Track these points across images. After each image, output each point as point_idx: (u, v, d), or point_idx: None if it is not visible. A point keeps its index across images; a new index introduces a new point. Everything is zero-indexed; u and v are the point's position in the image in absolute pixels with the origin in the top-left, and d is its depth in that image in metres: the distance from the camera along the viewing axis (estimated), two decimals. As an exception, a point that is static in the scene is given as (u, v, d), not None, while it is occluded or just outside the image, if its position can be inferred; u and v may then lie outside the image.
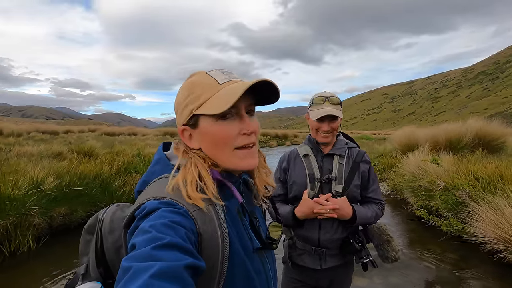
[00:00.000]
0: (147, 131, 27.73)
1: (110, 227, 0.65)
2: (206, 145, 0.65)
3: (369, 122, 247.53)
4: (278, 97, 0.66)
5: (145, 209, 0.54)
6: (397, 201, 6.16)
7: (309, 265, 1.47)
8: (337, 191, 1.42)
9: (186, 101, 0.64)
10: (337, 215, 1.36)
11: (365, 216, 1.43)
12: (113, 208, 0.69)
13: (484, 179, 4.15)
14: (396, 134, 9.37)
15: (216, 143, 0.63)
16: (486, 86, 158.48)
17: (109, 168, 5.99)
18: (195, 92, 0.63)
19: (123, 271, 0.42)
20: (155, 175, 0.65)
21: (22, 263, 3.38)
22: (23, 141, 10.77)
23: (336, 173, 1.44)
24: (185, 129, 0.66)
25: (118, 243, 0.63)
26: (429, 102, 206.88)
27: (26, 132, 16.79)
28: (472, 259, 3.40)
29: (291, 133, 35.30)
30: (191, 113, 0.63)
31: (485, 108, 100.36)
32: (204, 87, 0.63)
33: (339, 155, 1.48)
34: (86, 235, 0.71)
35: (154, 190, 0.60)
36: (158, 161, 0.68)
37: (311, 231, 1.45)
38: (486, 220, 3.28)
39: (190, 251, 0.47)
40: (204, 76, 0.65)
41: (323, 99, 1.46)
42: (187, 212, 0.55)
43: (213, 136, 0.63)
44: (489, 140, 6.81)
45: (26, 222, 3.62)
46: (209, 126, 0.63)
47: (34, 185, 4.10)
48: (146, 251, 0.43)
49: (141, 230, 0.49)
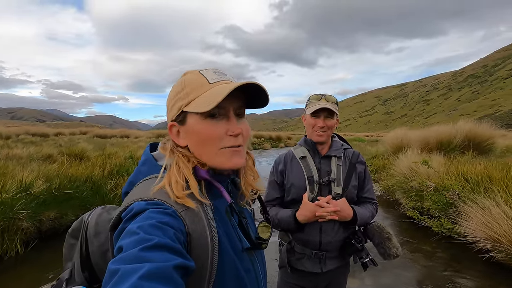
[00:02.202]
0: (140, 133, 27.48)
1: (96, 230, 0.63)
2: (192, 142, 0.65)
3: (362, 124, 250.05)
4: (268, 101, 0.67)
5: (132, 210, 0.53)
6: (389, 202, 6.22)
7: (309, 269, 1.45)
8: (336, 192, 1.42)
9: (176, 98, 0.65)
10: (339, 217, 1.36)
11: (365, 216, 1.45)
12: (99, 211, 0.67)
13: (473, 180, 4.22)
14: (388, 136, 9.49)
15: (202, 141, 0.63)
16: (475, 89, 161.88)
17: (100, 170, 5.90)
18: (185, 90, 0.64)
19: (110, 274, 0.41)
20: (141, 176, 0.64)
21: (9, 268, 3.29)
22: (11, 144, 10.55)
23: (335, 174, 1.44)
24: (173, 125, 0.66)
25: (104, 247, 0.61)
26: (420, 104, 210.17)
27: (15, 134, 16.47)
28: (463, 258, 3.45)
29: (285, 135, 35.39)
30: (179, 110, 0.64)
31: (475, 111, 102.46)
32: (194, 86, 0.64)
33: (337, 156, 1.48)
34: (70, 239, 0.69)
35: (141, 191, 0.59)
36: (144, 161, 0.67)
37: (312, 235, 1.44)
38: (475, 220, 3.33)
39: (179, 251, 0.47)
40: (196, 75, 0.66)
41: (319, 97, 1.48)
42: (175, 212, 0.54)
43: (199, 134, 0.63)
44: (478, 142, 6.95)
45: (14, 226, 3.54)
46: (196, 124, 0.63)
47: (22, 188, 4.01)
48: (134, 252, 0.43)
49: (128, 232, 0.48)
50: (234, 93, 0.61)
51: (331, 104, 1.44)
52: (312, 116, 1.47)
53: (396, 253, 1.41)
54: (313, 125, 1.46)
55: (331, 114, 1.44)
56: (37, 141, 13.47)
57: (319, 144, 1.49)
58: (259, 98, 0.67)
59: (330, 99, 1.46)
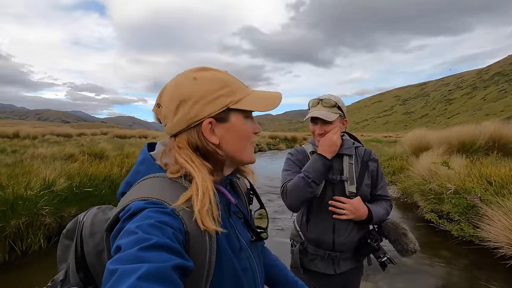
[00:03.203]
0: (158, 134, 28.05)
1: (91, 230, 0.63)
2: (230, 138, 0.66)
3: (380, 125, 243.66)
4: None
5: (130, 210, 0.52)
6: (406, 204, 6.03)
7: (322, 270, 1.44)
8: (351, 191, 1.41)
9: (219, 93, 0.63)
10: (355, 217, 1.36)
11: (379, 213, 1.42)
12: (94, 211, 0.67)
13: (497, 183, 4.02)
14: (407, 137, 9.18)
15: (241, 137, 0.67)
16: (502, 87, 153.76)
17: (118, 169, 6.09)
18: (229, 87, 0.65)
19: (109, 273, 0.40)
20: (139, 176, 0.63)
21: (33, 262, 3.46)
22: (38, 144, 11.09)
23: (347, 173, 1.43)
24: (211, 122, 0.64)
25: (100, 247, 0.61)
26: (442, 104, 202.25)
27: (41, 134, 17.29)
28: (484, 264, 3.29)
29: (300, 136, 35.08)
30: (225, 106, 0.64)
31: (502, 110, 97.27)
32: (238, 85, 0.67)
33: (348, 155, 1.46)
34: (64, 240, 0.68)
35: (139, 191, 0.58)
36: (142, 161, 0.66)
37: (325, 234, 1.42)
38: (499, 225, 3.17)
39: (178, 251, 0.47)
40: (230, 76, 0.68)
41: (317, 102, 1.45)
42: (174, 212, 0.54)
43: (241, 130, 0.67)
44: (504, 143, 6.60)
45: (37, 221, 3.72)
46: (239, 121, 0.66)
47: (45, 185, 4.21)
48: (132, 252, 0.42)
49: (126, 231, 0.47)
50: None
51: (328, 110, 1.41)
52: (311, 123, 1.47)
53: (414, 248, 1.38)
54: (313, 131, 1.47)
55: (327, 121, 1.41)
56: (61, 141, 14.08)
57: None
58: None
59: (328, 102, 1.42)
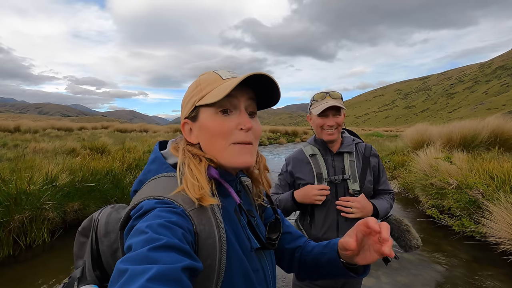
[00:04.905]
0: (158, 127, 28.08)
1: (106, 229, 0.64)
2: (204, 138, 0.65)
3: (381, 119, 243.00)
4: (279, 96, 0.66)
5: (142, 209, 0.53)
6: (408, 199, 6.05)
7: None
8: (354, 189, 1.41)
9: (191, 95, 0.66)
10: (363, 215, 1.36)
11: (384, 207, 1.44)
12: (108, 210, 0.68)
13: (499, 178, 4.02)
14: (408, 131, 9.16)
15: (213, 136, 0.63)
16: (505, 81, 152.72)
17: (120, 164, 6.10)
18: (199, 86, 0.66)
19: (119, 273, 0.41)
20: (151, 174, 0.64)
21: (37, 255, 3.50)
22: (39, 138, 11.10)
23: (349, 171, 1.43)
24: (186, 123, 0.67)
25: (114, 246, 0.62)
26: (444, 98, 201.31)
27: (42, 128, 17.31)
28: (485, 260, 3.31)
29: (301, 130, 35.04)
30: (193, 105, 0.65)
31: (504, 104, 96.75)
32: (208, 82, 0.65)
33: (349, 152, 1.47)
34: (80, 237, 0.70)
35: (150, 190, 0.59)
36: (154, 160, 0.67)
37: (329, 234, 1.43)
38: (500, 221, 3.18)
39: (187, 252, 0.47)
40: (210, 73, 0.67)
41: (323, 95, 1.46)
42: (184, 212, 0.54)
43: (210, 128, 0.63)
44: (506, 138, 6.57)
45: (41, 216, 3.75)
46: (208, 118, 0.64)
47: (48, 180, 4.23)
48: (142, 252, 0.43)
49: (137, 231, 0.48)
50: (245, 88, 0.61)
51: (337, 101, 1.42)
52: (320, 116, 1.45)
53: (417, 244, 1.39)
54: (322, 124, 1.45)
55: (338, 111, 1.43)
56: (62, 135, 14.10)
57: (329, 142, 1.48)
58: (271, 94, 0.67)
59: (335, 95, 1.44)
